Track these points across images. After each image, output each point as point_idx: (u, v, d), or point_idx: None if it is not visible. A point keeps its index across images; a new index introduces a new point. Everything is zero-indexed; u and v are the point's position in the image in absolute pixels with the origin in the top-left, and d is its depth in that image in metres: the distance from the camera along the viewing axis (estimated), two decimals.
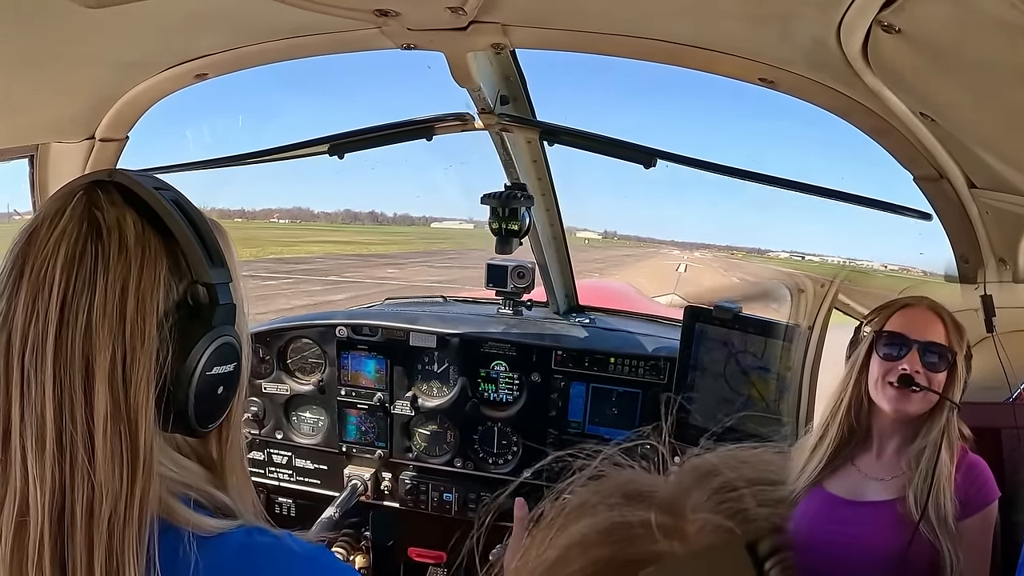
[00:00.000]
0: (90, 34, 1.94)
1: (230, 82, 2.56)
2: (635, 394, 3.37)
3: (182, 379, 1.23)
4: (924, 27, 1.29)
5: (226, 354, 1.31)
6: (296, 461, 3.80)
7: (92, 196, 1.22)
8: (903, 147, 1.99)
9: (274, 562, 1.25)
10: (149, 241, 1.21)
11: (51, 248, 1.16)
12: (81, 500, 1.11)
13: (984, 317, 2.34)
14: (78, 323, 1.13)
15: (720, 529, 0.73)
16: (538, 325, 3.74)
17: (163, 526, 1.17)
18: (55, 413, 1.11)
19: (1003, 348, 2.37)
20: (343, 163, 2.83)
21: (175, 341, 1.23)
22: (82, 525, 1.11)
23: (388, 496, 3.71)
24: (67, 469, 1.11)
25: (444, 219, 69.09)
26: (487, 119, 2.67)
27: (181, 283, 1.25)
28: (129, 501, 1.13)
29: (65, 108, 2.43)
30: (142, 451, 1.16)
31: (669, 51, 2.03)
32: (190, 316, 1.26)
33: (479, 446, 3.59)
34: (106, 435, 1.13)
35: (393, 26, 1.95)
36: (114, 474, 1.13)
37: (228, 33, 2.21)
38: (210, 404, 1.31)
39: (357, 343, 3.61)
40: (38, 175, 2.68)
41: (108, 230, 1.18)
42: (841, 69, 1.70)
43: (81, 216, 1.19)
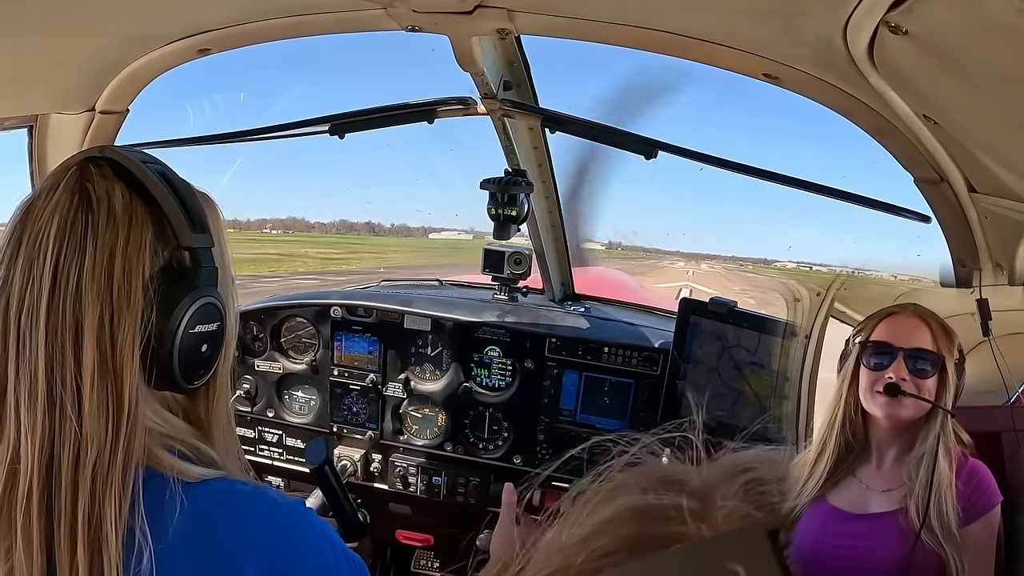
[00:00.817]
0: (93, 5, 1.93)
1: (233, 58, 2.56)
2: (628, 384, 3.38)
3: (165, 337, 1.31)
4: (931, 30, 1.28)
5: (209, 313, 1.40)
6: (287, 440, 3.81)
7: (84, 171, 1.31)
8: (905, 148, 1.99)
9: (253, 507, 1.33)
10: (136, 210, 1.31)
11: (46, 218, 1.25)
12: (68, 449, 1.19)
13: (980, 321, 2.34)
14: (69, 285, 1.22)
15: (747, 517, 0.76)
16: (533, 312, 3.74)
17: (148, 473, 1.25)
18: (46, 369, 1.20)
19: (1000, 352, 2.37)
20: (339, 174, 2.84)
21: (159, 301, 1.31)
22: (68, 472, 1.19)
23: (377, 478, 3.73)
24: (56, 421, 1.19)
25: (443, 229, 68.80)
26: (489, 104, 2.66)
27: (166, 249, 1.35)
28: (113, 450, 1.21)
29: (66, 79, 2.42)
30: (127, 404, 1.24)
31: (673, 42, 2.03)
32: (174, 279, 1.35)
33: (470, 431, 3.61)
34: (93, 388, 1.21)
35: (399, 7, 1.95)
36: (100, 425, 1.21)
37: (233, 8, 2.20)
38: (194, 361, 1.39)
39: (351, 324, 3.62)
40: (37, 146, 2.68)
41: (98, 200, 1.27)
42: (846, 68, 1.69)
43: (73, 189, 1.27)
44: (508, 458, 3.55)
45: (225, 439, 1.51)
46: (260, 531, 1.31)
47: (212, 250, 1.41)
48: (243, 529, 1.29)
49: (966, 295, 2.35)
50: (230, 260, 1.53)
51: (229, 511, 1.29)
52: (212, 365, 1.45)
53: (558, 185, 3.54)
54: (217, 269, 1.42)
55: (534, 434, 3.50)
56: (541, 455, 3.50)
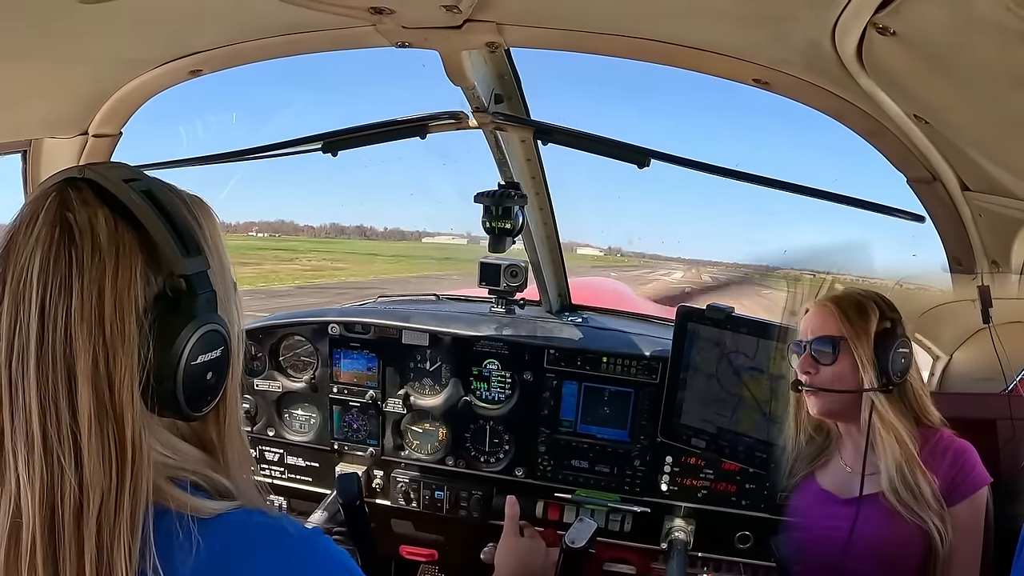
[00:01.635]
0: (84, 29, 1.93)
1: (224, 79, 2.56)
2: (627, 393, 3.37)
3: (167, 372, 1.24)
4: (919, 30, 1.29)
5: (211, 341, 1.31)
6: (288, 458, 3.80)
7: (64, 196, 1.22)
8: (897, 149, 2.00)
9: (269, 541, 1.27)
10: (123, 238, 1.22)
11: (28, 255, 1.17)
12: (68, 501, 1.12)
13: (980, 308, 2.34)
14: (57, 329, 1.14)
15: None
16: (531, 324, 3.74)
17: (159, 511, 1.19)
18: (40, 419, 1.13)
19: (999, 339, 2.37)
20: (328, 177, 2.85)
21: (156, 335, 1.23)
22: (70, 524, 1.12)
23: (380, 494, 3.71)
24: (54, 472, 1.13)
25: (438, 233, 68.48)
26: (481, 118, 2.67)
27: (159, 275, 1.26)
28: (119, 496, 1.15)
29: (59, 103, 2.42)
30: (130, 447, 1.17)
31: (663, 51, 2.04)
32: (170, 308, 1.26)
33: (471, 444, 3.59)
34: (91, 436, 1.14)
35: (388, 24, 1.95)
36: (102, 472, 1.14)
37: (223, 29, 2.20)
38: (200, 391, 1.31)
39: (349, 341, 3.61)
40: (31, 170, 2.68)
41: (80, 232, 1.19)
42: (835, 71, 1.70)
43: (54, 220, 1.19)
44: (510, 471, 3.54)
45: (239, 459, 1.45)
46: (278, 568, 1.26)
47: (210, 268, 1.33)
48: (261, 566, 1.25)
49: (966, 282, 2.36)
50: (230, 265, 1.44)
51: (246, 548, 1.25)
52: (219, 390, 1.38)
53: (551, 196, 3.55)
54: (215, 292, 1.34)
55: (535, 446, 3.49)
56: (542, 467, 3.49)
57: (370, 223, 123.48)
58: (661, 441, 3.18)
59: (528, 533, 2.64)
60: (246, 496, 1.35)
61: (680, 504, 3.38)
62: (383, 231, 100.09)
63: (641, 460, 3.38)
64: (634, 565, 3.48)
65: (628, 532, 3.40)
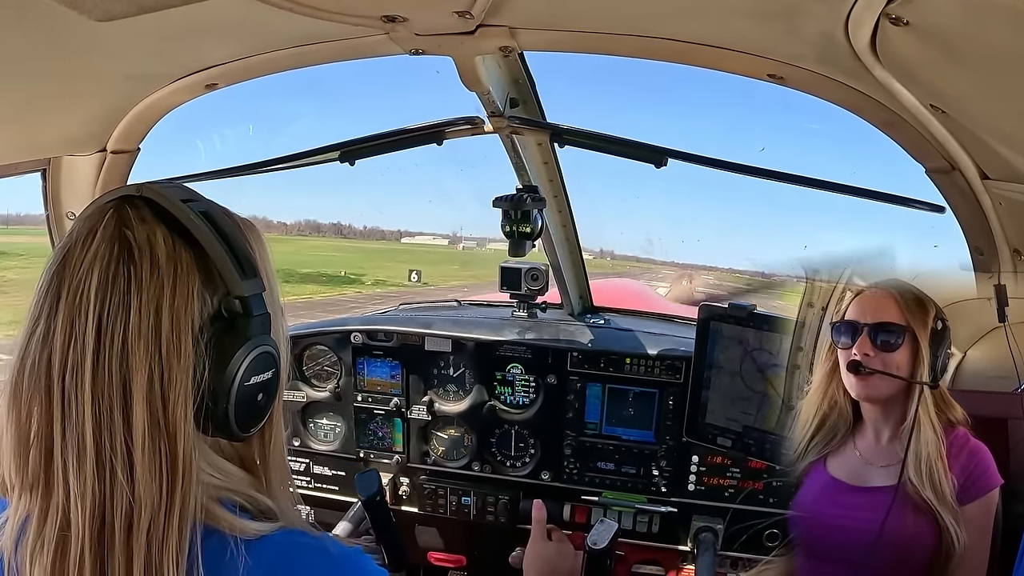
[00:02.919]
0: (100, 47, 1.95)
1: (240, 91, 2.57)
2: (651, 394, 3.37)
3: (220, 392, 1.25)
4: (932, 18, 1.28)
5: (264, 363, 1.32)
6: (314, 468, 3.82)
7: (122, 214, 1.23)
8: (914, 140, 1.99)
9: (312, 562, 1.27)
10: (180, 257, 1.23)
11: (85, 270, 1.18)
12: (120, 514, 1.13)
13: (996, 306, 2.33)
14: (114, 344, 1.15)
15: None
16: (553, 327, 3.74)
17: (206, 532, 1.20)
18: (95, 432, 1.13)
19: (1015, 338, 2.36)
20: (310, 175, 2.85)
21: (212, 355, 1.24)
22: (121, 538, 1.13)
23: (406, 501, 3.72)
24: (107, 486, 1.13)
25: (419, 233, 68.48)
26: (497, 122, 2.68)
27: (215, 296, 1.27)
28: (168, 513, 1.15)
29: (76, 121, 2.45)
30: (181, 465, 1.18)
31: (677, 50, 2.03)
32: (226, 329, 1.27)
33: (496, 449, 3.60)
34: (144, 451, 1.15)
35: (401, 32, 1.96)
36: (153, 488, 1.15)
37: (237, 43, 2.22)
38: (250, 412, 1.33)
39: (372, 349, 3.62)
40: (51, 188, 2.71)
41: (139, 250, 1.20)
42: (850, 63, 1.69)
43: (112, 237, 1.20)
44: (536, 475, 3.54)
45: (281, 479, 1.46)
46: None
47: (264, 290, 1.34)
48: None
49: (984, 280, 2.34)
50: (278, 289, 1.46)
51: (291, 569, 1.25)
52: (267, 412, 1.39)
53: (570, 198, 3.55)
54: (269, 314, 1.35)
55: (560, 449, 3.49)
56: (569, 470, 3.50)
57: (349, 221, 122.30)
58: (687, 441, 3.18)
59: (556, 537, 2.64)
60: (288, 516, 1.36)
61: (708, 504, 3.36)
62: (363, 229, 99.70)
63: (667, 460, 3.37)
64: (663, 566, 3.48)
65: (656, 533, 3.39)
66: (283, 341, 1.44)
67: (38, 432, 1.16)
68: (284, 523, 1.32)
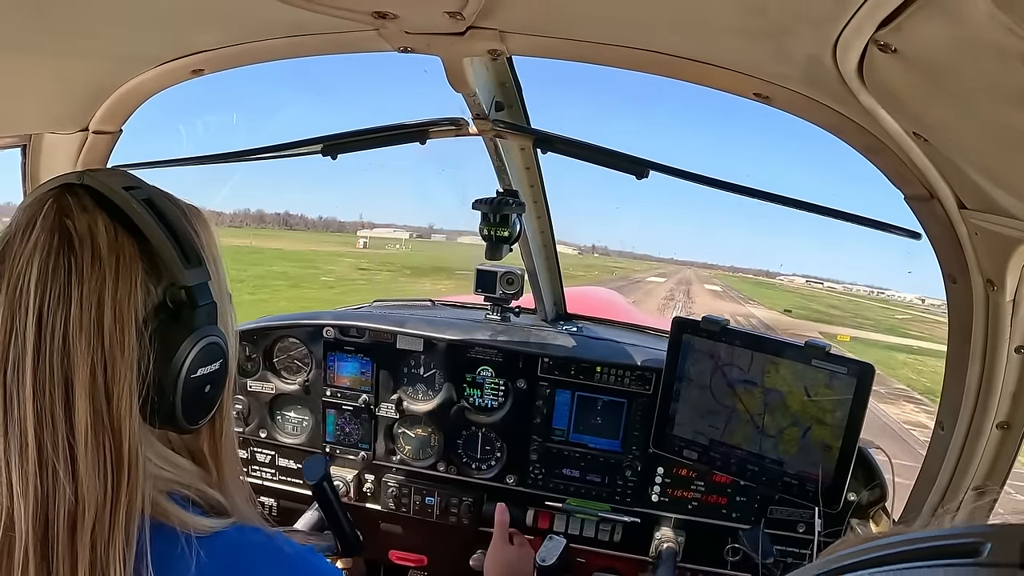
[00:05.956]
0: (87, 25, 1.93)
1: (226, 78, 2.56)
2: (620, 404, 3.39)
3: (166, 385, 1.23)
4: (920, 48, 1.29)
5: (211, 353, 1.31)
6: (279, 460, 3.81)
7: (62, 202, 1.21)
8: (895, 166, 2.01)
9: (265, 561, 1.26)
10: (123, 247, 1.21)
11: (24, 261, 1.15)
12: (62, 514, 1.11)
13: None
14: (55, 339, 1.13)
15: None
16: (525, 332, 3.75)
17: (154, 527, 1.18)
18: (36, 429, 1.11)
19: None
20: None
21: (156, 347, 1.23)
22: (64, 538, 1.11)
23: (370, 498, 3.72)
24: (48, 485, 1.11)
25: (375, 225, 67.88)
26: (481, 125, 2.68)
27: (159, 286, 1.25)
28: (113, 511, 1.13)
29: (59, 99, 2.42)
30: (127, 460, 1.15)
31: (665, 63, 2.04)
32: (170, 319, 1.26)
33: (463, 451, 3.61)
34: (87, 448, 1.13)
35: (391, 28, 1.95)
36: (97, 486, 1.13)
37: (225, 29, 2.20)
38: (198, 403, 1.31)
39: (344, 344, 3.62)
40: (30, 166, 2.68)
41: (80, 239, 1.17)
42: (836, 87, 1.70)
43: (52, 227, 1.18)
44: (501, 478, 3.55)
45: (232, 472, 1.45)
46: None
47: (210, 279, 1.33)
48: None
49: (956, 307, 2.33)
50: (226, 276, 1.43)
51: (242, 568, 1.24)
52: (216, 403, 1.38)
53: (549, 205, 3.56)
54: (215, 304, 1.33)
55: (527, 454, 3.50)
56: (534, 475, 3.50)
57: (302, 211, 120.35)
58: (653, 452, 3.18)
59: (517, 541, 2.64)
60: (240, 511, 1.35)
61: (670, 515, 3.39)
62: (318, 219, 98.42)
63: (632, 470, 3.39)
64: (623, 575, 3.49)
65: (618, 542, 3.41)
66: (231, 330, 1.42)
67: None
68: (236, 519, 1.30)
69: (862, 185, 36.57)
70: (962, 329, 2.25)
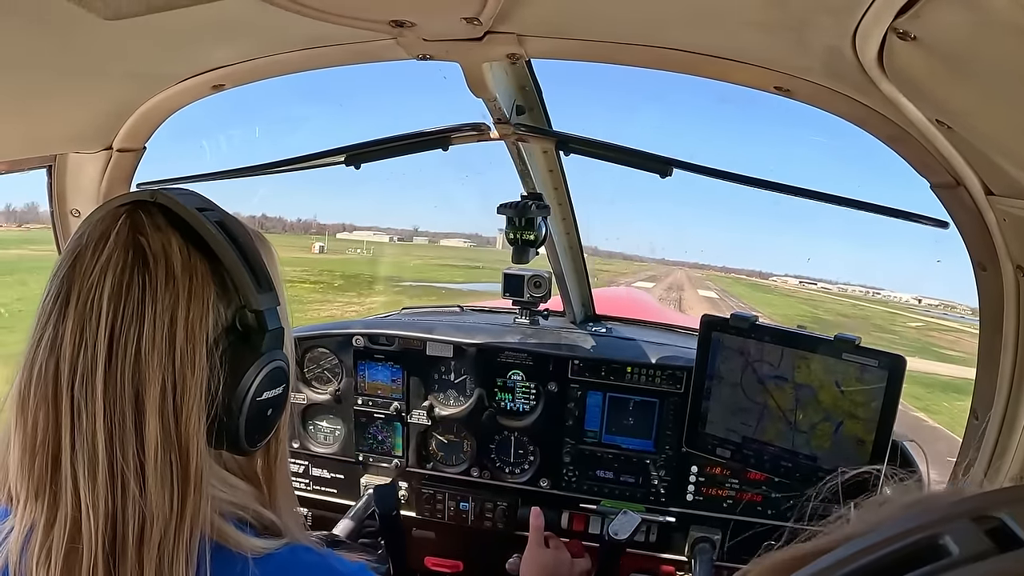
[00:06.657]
0: (108, 45, 1.96)
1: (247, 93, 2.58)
2: (652, 403, 3.37)
3: (233, 406, 1.24)
4: (940, 34, 1.28)
5: (276, 378, 1.33)
6: (313, 470, 3.83)
7: (135, 219, 1.22)
8: (919, 155, 1.99)
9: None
10: (196, 267, 1.22)
11: (97, 276, 1.16)
12: (132, 525, 1.13)
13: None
14: (127, 355, 1.14)
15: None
16: (555, 334, 3.75)
17: (214, 547, 1.19)
18: (107, 443, 1.12)
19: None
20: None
21: (225, 368, 1.24)
22: (132, 549, 1.13)
23: (405, 506, 3.72)
24: (119, 497, 1.13)
25: (356, 228, 67.10)
26: (503, 129, 2.68)
27: (229, 308, 1.27)
28: (179, 525, 1.15)
29: (83, 119, 2.46)
30: (193, 477, 1.17)
31: (685, 60, 2.04)
32: (239, 341, 1.27)
33: (496, 455, 3.61)
34: (157, 464, 1.14)
35: (408, 37, 1.96)
36: (165, 500, 1.14)
37: (245, 44, 2.22)
38: (260, 427, 1.32)
39: (374, 353, 3.63)
40: (56, 185, 2.73)
41: (154, 258, 1.19)
42: (857, 77, 1.69)
43: (126, 243, 1.19)
44: (535, 482, 3.55)
45: (284, 493, 1.47)
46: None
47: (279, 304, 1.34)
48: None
49: None
50: (285, 300, 1.43)
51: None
52: (275, 426, 1.40)
53: (574, 206, 3.56)
54: (283, 329, 1.35)
55: (560, 457, 3.50)
56: (568, 478, 3.50)
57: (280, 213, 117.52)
58: (686, 451, 3.17)
59: (553, 544, 2.64)
60: (291, 532, 1.36)
61: (706, 514, 3.36)
62: (296, 222, 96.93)
63: (666, 470, 3.37)
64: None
65: (654, 543, 3.39)
66: (291, 355, 1.43)
67: (44, 441, 1.15)
68: (288, 539, 1.31)
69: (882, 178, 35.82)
70: (993, 317, 2.22)
